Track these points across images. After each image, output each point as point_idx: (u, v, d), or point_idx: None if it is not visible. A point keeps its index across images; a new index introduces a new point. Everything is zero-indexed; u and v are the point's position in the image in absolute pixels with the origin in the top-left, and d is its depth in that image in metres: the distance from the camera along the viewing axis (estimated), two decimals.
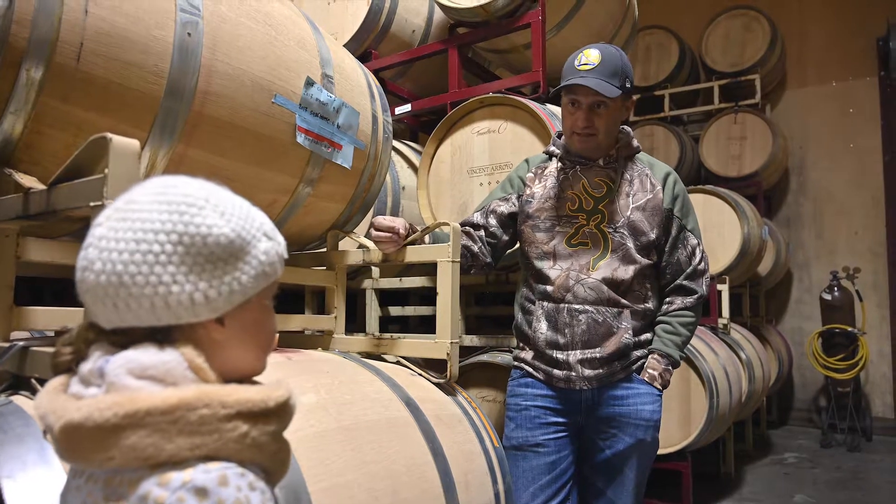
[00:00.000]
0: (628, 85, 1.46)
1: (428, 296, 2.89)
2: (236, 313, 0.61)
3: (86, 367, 0.57)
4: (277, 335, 0.70)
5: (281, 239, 0.66)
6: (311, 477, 0.92)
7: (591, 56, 1.43)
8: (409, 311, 2.75)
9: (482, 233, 1.57)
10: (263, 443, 0.57)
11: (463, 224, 1.58)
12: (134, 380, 0.55)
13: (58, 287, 2.62)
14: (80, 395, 0.56)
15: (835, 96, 5.91)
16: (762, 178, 5.47)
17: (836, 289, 4.90)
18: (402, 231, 1.43)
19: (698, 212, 1.72)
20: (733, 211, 4.20)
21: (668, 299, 1.55)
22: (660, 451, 3.14)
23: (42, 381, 0.87)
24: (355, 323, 2.67)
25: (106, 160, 0.82)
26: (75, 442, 0.52)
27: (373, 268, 2.54)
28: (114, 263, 0.55)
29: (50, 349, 0.86)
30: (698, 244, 1.56)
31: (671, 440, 3.05)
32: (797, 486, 3.81)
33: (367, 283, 2.58)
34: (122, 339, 0.58)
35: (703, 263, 1.56)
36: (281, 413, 0.59)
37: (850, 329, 4.88)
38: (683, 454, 3.08)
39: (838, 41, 5.90)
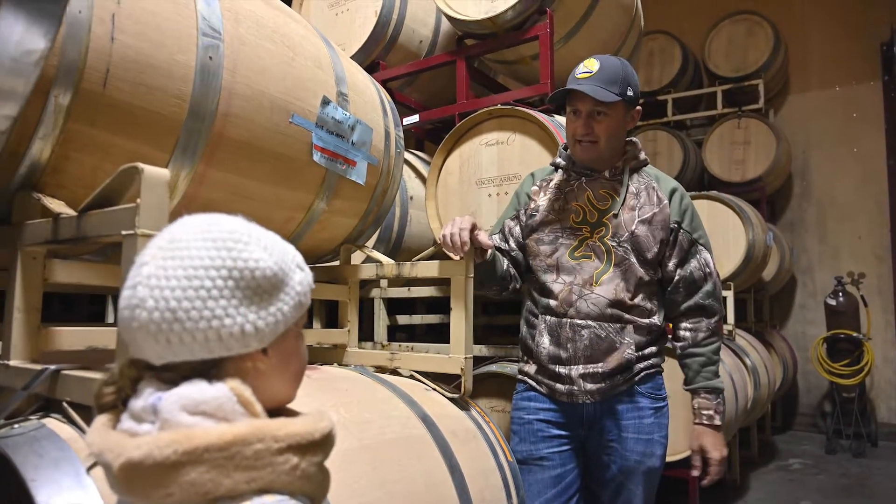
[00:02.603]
0: (630, 93, 1.46)
1: (434, 304, 2.91)
2: (278, 342, 0.63)
3: (137, 404, 0.59)
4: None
5: (308, 270, 0.68)
6: (335, 497, 0.93)
7: (590, 65, 1.45)
8: (417, 319, 2.77)
9: (507, 259, 1.56)
10: (311, 473, 0.59)
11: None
12: (188, 416, 0.56)
13: (66, 299, 2.64)
14: (133, 431, 0.57)
15: (838, 101, 5.92)
16: (766, 182, 5.48)
17: (840, 294, 4.91)
18: (467, 245, 1.37)
19: (703, 218, 1.67)
20: (738, 217, 4.21)
21: (692, 323, 1.52)
22: (666, 459, 3.17)
23: (73, 405, 0.89)
24: (362, 331, 2.69)
25: (137, 189, 0.84)
26: (135, 479, 0.53)
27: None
28: (167, 300, 0.56)
29: (81, 373, 0.89)
30: (711, 258, 1.54)
31: (677, 448, 3.05)
32: (802, 492, 3.82)
33: (375, 293, 2.60)
34: (170, 375, 0.60)
35: (718, 279, 1.55)
36: (325, 444, 0.61)
37: (855, 334, 4.88)
38: (689, 462, 3.09)
39: (841, 46, 5.92)
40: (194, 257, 0.58)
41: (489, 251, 1.45)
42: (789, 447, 5.08)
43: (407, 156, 2.83)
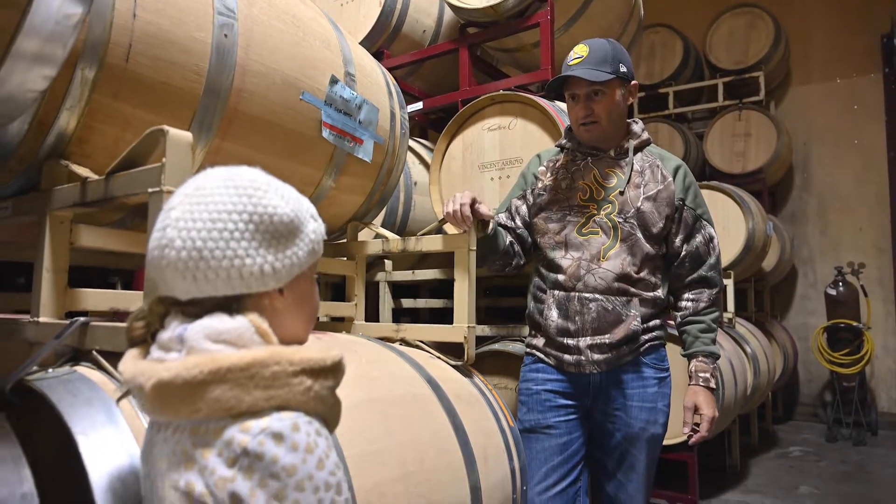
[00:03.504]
0: (623, 70, 1.51)
1: (438, 289, 2.96)
2: (293, 284, 0.69)
3: (165, 335, 0.66)
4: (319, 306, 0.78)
5: (321, 221, 0.74)
6: (346, 442, 0.99)
7: (580, 51, 1.51)
8: (422, 303, 2.83)
9: (512, 236, 1.61)
10: (324, 396, 0.65)
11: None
12: (211, 343, 0.63)
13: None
14: (162, 359, 0.64)
15: (839, 93, 5.95)
16: (766, 174, 5.52)
17: (840, 284, 4.95)
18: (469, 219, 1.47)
19: None
20: (738, 206, 4.25)
21: (694, 293, 1.58)
22: (666, 442, 3.20)
23: (102, 353, 0.95)
24: (367, 315, 2.74)
25: (162, 150, 0.90)
26: (165, 397, 0.60)
27: (386, 261, 2.62)
28: (193, 241, 0.63)
29: (110, 324, 0.95)
30: (714, 231, 1.60)
31: (677, 431, 3.10)
32: (802, 478, 3.86)
33: (380, 276, 2.66)
34: (195, 309, 0.66)
35: (720, 253, 1.61)
36: (336, 370, 0.67)
37: (855, 324, 4.92)
38: (689, 445, 3.13)
39: (842, 38, 5.95)
40: (218, 202, 0.64)
41: (490, 225, 1.51)
42: (790, 436, 5.13)
43: (411, 143, 2.89)
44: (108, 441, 0.80)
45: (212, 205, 0.64)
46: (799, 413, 5.87)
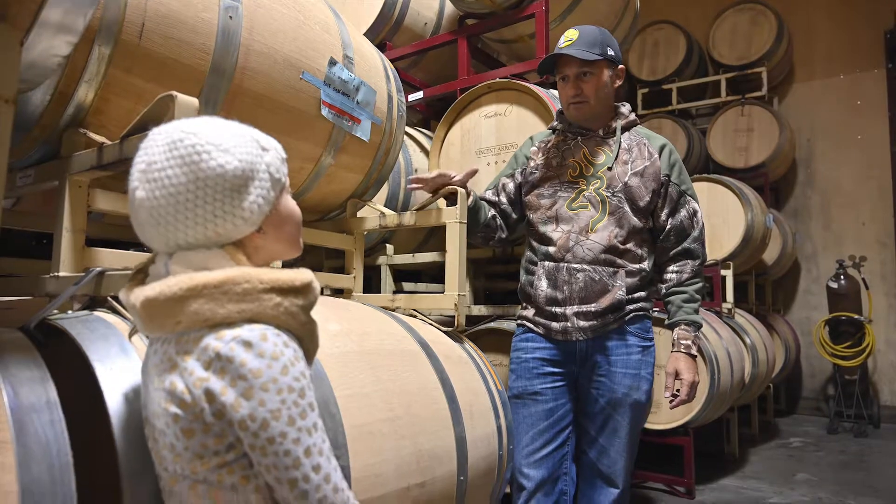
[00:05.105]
0: (611, 53, 1.60)
1: (439, 276, 3.05)
2: (268, 218, 0.77)
3: (154, 268, 0.76)
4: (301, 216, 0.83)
5: (274, 142, 0.79)
6: (336, 385, 1.08)
7: (570, 35, 1.61)
8: (422, 287, 2.91)
9: (495, 210, 1.72)
10: (294, 312, 0.74)
11: (480, 199, 1.71)
12: (192, 270, 0.72)
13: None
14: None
15: (842, 89, 5.97)
16: (769, 169, 5.55)
17: (842, 277, 4.97)
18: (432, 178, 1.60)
19: (703, 199, 1.80)
20: (737, 199, 4.29)
21: (678, 266, 1.65)
22: (662, 426, 3.28)
23: (116, 299, 1.05)
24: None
25: (171, 115, 1.00)
26: (152, 312, 0.70)
27: (387, 245, 2.71)
28: (164, 217, 0.71)
29: (123, 272, 1.05)
30: (698, 206, 1.67)
31: (673, 415, 3.16)
32: (800, 466, 3.90)
33: (381, 260, 2.75)
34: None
35: (703, 226, 1.68)
36: (306, 291, 0.76)
37: (856, 317, 4.93)
38: (685, 429, 3.19)
39: (845, 34, 5.96)
40: (171, 176, 0.70)
41: (470, 199, 1.61)
42: (791, 428, 5.15)
43: (413, 132, 2.98)
44: (121, 368, 0.89)
45: (166, 179, 0.70)
46: (802, 407, 5.88)
